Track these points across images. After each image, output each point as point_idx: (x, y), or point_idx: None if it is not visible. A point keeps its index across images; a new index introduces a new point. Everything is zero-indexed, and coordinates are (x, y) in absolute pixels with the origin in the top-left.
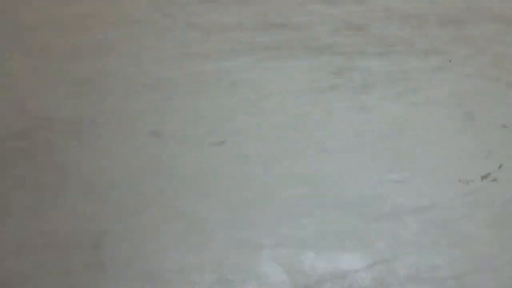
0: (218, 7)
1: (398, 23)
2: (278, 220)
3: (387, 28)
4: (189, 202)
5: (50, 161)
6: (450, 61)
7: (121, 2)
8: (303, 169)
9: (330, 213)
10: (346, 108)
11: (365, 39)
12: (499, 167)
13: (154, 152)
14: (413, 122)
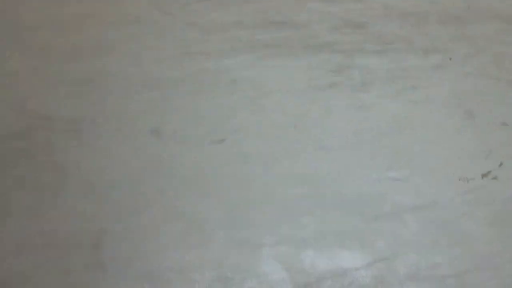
0: (218, 6)
1: (397, 21)
2: (278, 219)
3: (386, 26)
4: (189, 202)
5: (50, 161)
6: (450, 60)
7: (121, 2)
8: (303, 168)
9: (330, 212)
10: (345, 106)
11: (364, 37)
12: (500, 165)
13: (154, 152)
14: (413, 120)
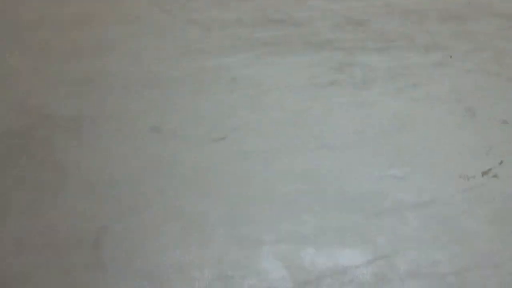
0: (218, 3)
1: (399, 19)
2: (278, 216)
3: (388, 24)
4: (189, 200)
5: (50, 160)
6: (451, 57)
7: (121, 2)
8: (303, 165)
9: (330, 209)
10: (347, 104)
11: (366, 35)
12: (500, 163)
13: (155, 151)
14: (414, 118)
